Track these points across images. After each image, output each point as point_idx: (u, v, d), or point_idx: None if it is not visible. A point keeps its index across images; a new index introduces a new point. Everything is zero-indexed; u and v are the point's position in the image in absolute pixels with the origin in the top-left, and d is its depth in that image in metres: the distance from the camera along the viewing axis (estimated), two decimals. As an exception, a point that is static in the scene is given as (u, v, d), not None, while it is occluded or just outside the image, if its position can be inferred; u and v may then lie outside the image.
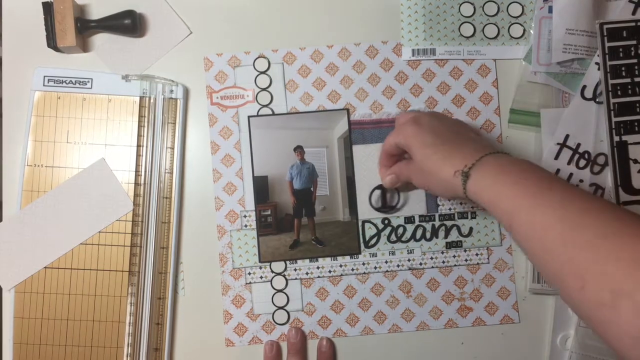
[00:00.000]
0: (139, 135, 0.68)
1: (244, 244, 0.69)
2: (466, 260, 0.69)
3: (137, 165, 0.68)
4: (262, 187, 0.69)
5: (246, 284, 0.69)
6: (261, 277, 0.69)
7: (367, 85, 0.70)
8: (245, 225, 0.69)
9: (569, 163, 0.67)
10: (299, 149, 0.69)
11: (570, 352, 0.66)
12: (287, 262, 0.69)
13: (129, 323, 0.67)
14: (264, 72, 0.70)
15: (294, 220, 0.69)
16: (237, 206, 0.69)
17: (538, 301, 0.68)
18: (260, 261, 0.69)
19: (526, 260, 0.69)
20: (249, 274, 0.69)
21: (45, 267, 0.67)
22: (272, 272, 0.69)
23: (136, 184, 0.68)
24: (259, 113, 0.70)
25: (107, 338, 0.67)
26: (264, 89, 0.70)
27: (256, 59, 0.70)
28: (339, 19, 0.71)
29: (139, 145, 0.68)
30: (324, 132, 0.69)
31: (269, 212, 0.69)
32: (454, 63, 0.70)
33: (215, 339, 0.68)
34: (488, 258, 0.69)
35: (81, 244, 0.67)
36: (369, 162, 0.69)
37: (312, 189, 0.69)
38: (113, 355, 0.67)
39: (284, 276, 0.69)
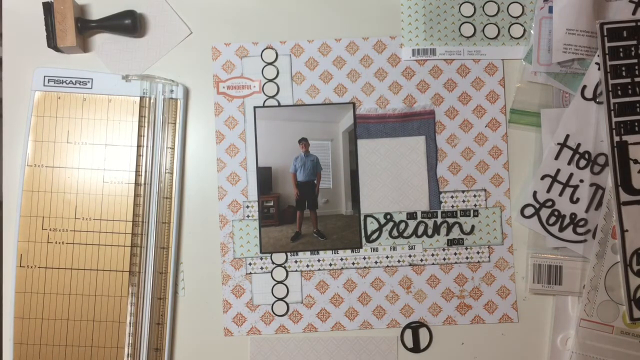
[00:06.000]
0: (139, 136, 0.68)
1: (245, 234, 0.69)
2: (467, 258, 0.69)
3: (138, 165, 0.68)
4: (265, 178, 0.69)
5: (246, 274, 0.69)
6: (262, 268, 0.69)
7: (374, 79, 0.70)
8: (248, 216, 0.69)
9: (569, 163, 0.67)
10: (303, 141, 0.69)
11: (570, 353, 0.66)
12: (288, 254, 0.69)
13: (130, 323, 0.67)
14: (271, 64, 0.70)
15: (296, 212, 0.69)
16: (240, 196, 0.69)
17: (538, 301, 0.68)
18: (261, 252, 0.69)
19: (527, 260, 0.69)
20: (250, 264, 0.69)
21: (46, 268, 0.67)
22: (273, 263, 0.69)
23: (136, 184, 0.68)
24: (265, 104, 0.70)
25: (107, 338, 0.67)
26: (270, 80, 0.70)
27: (264, 50, 0.70)
28: (348, 13, 0.71)
29: (139, 146, 0.68)
30: (329, 125, 0.70)
31: (271, 204, 0.69)
32: (461, 60, 0.70)
33: (214, 329, 0.68)
34: (489, 257, 0.69)
35: (81, 244, 0.67)
36: (373, 157, 0.69)
37: (315, 181, 0.69)
38: (113, 355, 0.67)
39: (284, 268, 0.69)
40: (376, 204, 0.69)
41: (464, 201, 0.69)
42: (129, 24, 0.68)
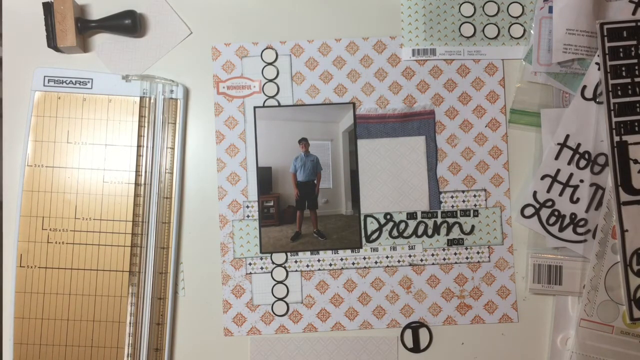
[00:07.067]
0: (139, 136, 0.68)
1: (245, 234, 0.69)
2: (467, 258, 0.69)
3: (138, 165, 0.68)
4: (265, 178, 0.69)
5: (246, 274, 0.69)
6: (262, 268, 0.69)
7: (374, 80, 0.70)
8: (248, 216, 0.69)
9: (569, 163, 0.67)
10: (303, 142, 0.69)
11: (570, 353, 0.66)
12: (288, 254, 0.69)
13: (130, 323, 0.67)
14: (271, 64, 0.70)
15: (296, 212, 0.69)
16: (240, 196, 0.69)
17: (538, 301, 0.68)
18: (261, 252, 0.69)
19: (527, 260, 0.69)
20: (250, 264, 0.69)
21: (46, 268, 0.67)
22: (273, 263, 0.69)
23: (136, 184, 0.68)
24: (265, 104, 0.70)
25: (107, 338, 0.67)
26: (270, 80, 0.70)
27: (264, 50, 0.70)
28: (348, 13, 0.71)
29: (139, 146, 0.68)
30: (329, 126, 0.70)
31: (271, 204, 0.69)
32: (461, 61, 0.70)
33: (214, 329, 0.68)
34: (489, 257, 0.69)
35: (81, 244, 0.67)
36: (373, 157, 0.69)
37: (315, 181, 0.69)
38: (113, 355, 0.67)
39: (284, 268, 0.69)
40: (376, 204, 0.69)
41: (464, 201, 0.69)
42: (129, 24, 0.68)
